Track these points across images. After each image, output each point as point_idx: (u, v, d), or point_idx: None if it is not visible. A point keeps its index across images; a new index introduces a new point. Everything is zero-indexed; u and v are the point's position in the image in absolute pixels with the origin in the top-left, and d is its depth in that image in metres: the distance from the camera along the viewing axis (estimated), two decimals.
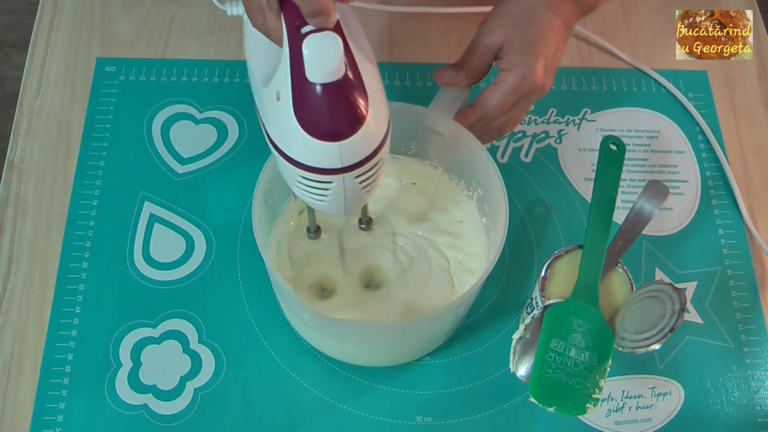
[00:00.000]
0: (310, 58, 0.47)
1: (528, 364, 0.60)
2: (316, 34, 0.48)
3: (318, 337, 0.67)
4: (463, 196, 0.71)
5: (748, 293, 0.74)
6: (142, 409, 0.67)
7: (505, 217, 0.61)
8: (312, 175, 0.52)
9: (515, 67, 0.64)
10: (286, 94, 0.50)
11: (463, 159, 0.68)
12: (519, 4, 0.66)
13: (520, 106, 0.67)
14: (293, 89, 0.50)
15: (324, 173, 0.52)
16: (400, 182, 0.73)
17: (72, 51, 0.84)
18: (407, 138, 0.70)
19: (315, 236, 0.64)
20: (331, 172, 0.52)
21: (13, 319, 0.70)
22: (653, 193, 0.67)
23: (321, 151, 0.50)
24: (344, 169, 0.52)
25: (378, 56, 0.84)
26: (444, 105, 0.67)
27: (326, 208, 0.56)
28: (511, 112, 0.67)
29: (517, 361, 0.61)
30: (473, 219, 0.71)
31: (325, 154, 0.51)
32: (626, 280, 0.64)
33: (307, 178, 0.53)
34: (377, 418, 0.67)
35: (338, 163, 0.51)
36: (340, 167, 0.51)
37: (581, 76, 0.84)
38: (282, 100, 0.51)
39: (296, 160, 0.52)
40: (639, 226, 0.66)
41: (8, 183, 0.76)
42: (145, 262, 0.73)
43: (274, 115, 0.53)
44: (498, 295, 0.73)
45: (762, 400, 0.69)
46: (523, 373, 0.60)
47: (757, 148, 0.82)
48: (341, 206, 0.55)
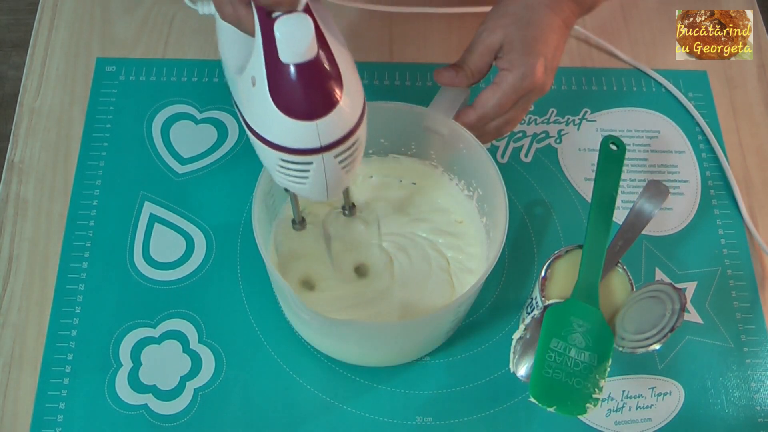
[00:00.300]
0: (282, 39, 0.48)
1: (528, 364, 0.60)
2: (287, 16, 0.49)
3: (318, 337, 0.67)
4: (463, 196, 0.71)
5: (748, 293, 0.74)
6: (142, 409, 0.67)
7: (505, 217, 0.61)
8: (292, 157, 0.52)
9: (515, 66, 0.64)
10: (261, 79, 0.51)
11: (463, 159, 0.68)
12: (519, 3, 0.66)
13: (520, 106, 0.67)
14: (268, 72, 0.50)
15: (304, 154, 0.52)
16: (400, 182, 0.73)
17: (72, 51, 0.84)
18: (407, 138, 0.70)
19: (300, 227, 0.64)
20: (310, 152, 0.52)
21: (13, 319, 0.70)
22: (653, 193, 0.67)
23: (299, 131, 0.51)
24: (323, 149, 0.52)
25: (378, 56, 0.85)
26: (444, 105, 0.67)
27: (308, 192, 0.56)
28: (510, 111, 0.67)
29: (517, 361, 0.61)
30: (473, 219, 0.71)
31: (303, 134, 0.51)
32: (626, 280, 0.64)
33: (287, 161, 0.53)
34: (377, 418, 0.67)
35: (317, 143, 0.51)
36: (319, 146, 0.51)
37: (581, 76, 0.84)
38: (257, 85, 0.52)
39: (275, 143, 0.52)
40: (639, 226, 0.66)
41: (8, 183, 0.76)
42: (145, 262, 0.73)
43: (251, 101, 0.53)
44: (498, 295, 0.73)
45: (762, 400, 0.69)
46: (523, 373, 0.60)
47: (757, 148, 0.82)
48: (323, 189, 0.56)
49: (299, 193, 0.57)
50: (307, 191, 0.56)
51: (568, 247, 0.65)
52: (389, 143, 0.71)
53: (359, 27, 0.87)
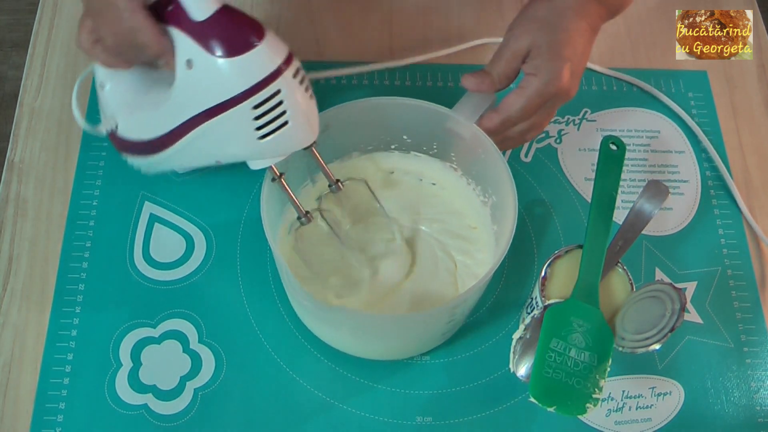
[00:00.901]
0: (186, 1, 0.53)
1: (528, 364, 0.60)
2: None
3: (315, 322, 0.67)
4: (479, 202, 0.71)
5: (748, 293, 0.74)
6: (142, 409, 0.67)
7: (511, 228, 0.61)
8: (262, 95, 0.55)
9: (541, 71, 0.63)
10: (192, 50, 0.54)
11: (481, 165, 0.67)
12: (546, 8, 0.65)
13: (544, 111, 0.66)
14: (196, 40, 0.54)
15: (268, 83, 0.54)
16: (420, 181, 0.73)
17: (72, 51, 0.84)
18: (430, 137, 0.70)
19: (307, 220, 0.63)
20: (273, 78, 0.54)
21: (13, 319, 0.70)
22: (653, 193, 0.67)
23: (253, 61, 0.54)
24: (282, 68, 0.55)
25: (378, 56, 0.85)
26: (468, 109, 0.66)
27: (294, 135, 0.58)
28: (535, 116, 0.66)
29: (517, 361, 0.61)
30: (486, 226, 0.70)
31: (258, 62, 0.54)
32: (626, 280, 0.64)
33: (260, 105, 0.55)
34: (377, 418, 0.67)
35: (274, 62, 0.54)
36: (279, 65, 0.55)
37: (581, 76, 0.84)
38: (195, 59, 0.55)
39: (240, 90, 0.54)
40: (639, 226, 0.66)
41: (8, 183, 0.76)
42: (145, 262, 0.73)
43: (199, 79, 0.56)
44: (498, 295, 0.73)
45: (762, 400, 0.69)
46: (523, 373, 0.60)
47: (757, 148, 0.82)
48: (305, 123, 0.58)
49: (287, 144, 0.58)
50: (292, 133, 0.57)
51: (568, 247, 0.65)
52: (412, 140, 0.72)
53: (360, 27, 0.87)
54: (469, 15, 0.88)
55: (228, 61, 0.54)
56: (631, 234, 0.66)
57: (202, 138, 0.59)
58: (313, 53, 0.84)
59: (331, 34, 0.86)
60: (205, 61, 0.54)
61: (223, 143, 0.59)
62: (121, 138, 0.65)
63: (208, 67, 0.54)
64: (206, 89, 0.56)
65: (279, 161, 0.60)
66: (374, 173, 0.73)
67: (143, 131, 0.63)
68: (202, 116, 0.57)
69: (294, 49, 0.57)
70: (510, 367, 0.61)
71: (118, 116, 0.65)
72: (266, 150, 0.58)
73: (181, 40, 0.55)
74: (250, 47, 0.54)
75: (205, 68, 0.55)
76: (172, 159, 0.63)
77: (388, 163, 0.73)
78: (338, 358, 0.69)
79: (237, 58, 0.54)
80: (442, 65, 0.84)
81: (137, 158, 0.67)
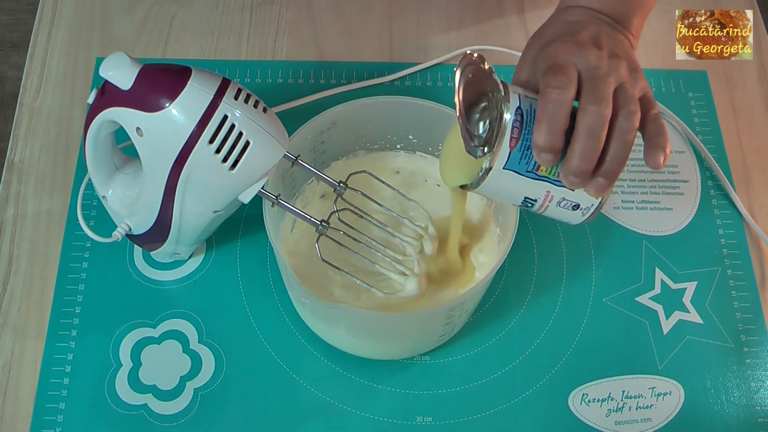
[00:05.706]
0: (112, 78, 0.57)
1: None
2: (107, 61, 0.59)
3: (312, 318, 0.67)
4: (482, 204, 0.71)
5: (748, 293, 0.74)
6: (142, 409, 0.67)
7: (513, 231, 0.61)
8: (210, 126, 0.56)
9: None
10: (135, 118, 0.57)
11: None
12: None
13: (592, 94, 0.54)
14: (134, 107, 0.57)
15: (211, 112, 0.56)
16: (425, 182, 0.73)
17: (72, 51, 0.84)
18: (435, 138, 0.70)
19: (324, 228, 0.63)
20: (213, 107, 0.56)
21: (13, 319, 0.70)
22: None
23: (187, 99, 0.56)
24: (216, 97, 0.57)
25: (378, 56, 0.85)
26: None
27: (262, 152, 0.58)
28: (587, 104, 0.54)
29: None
30: (488, 228, 0.70)
31: (191, 99, 0.56)
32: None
33: (215, 137, 0.57)
34: (377, 418, 0.67)
35: (206, 94, 0.57)
36: (212, 97, 0.56)
37: None
38: (141, 125, 0.57)
39: (190, 131, 0.56)
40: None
41: (8, 183, 0.76)
42: (145, 262, 0.73)
43: (153, 139, 0.58)
44: (498, 295, 0.73)
45: (762, 400, 0.69)
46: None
47: (757, 148, 0.82)
48: (267, 138, 0.58)
49: (261, 169, 0.59)
50: (258, 152, 0.58)
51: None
52: (417, 140, 0.72)
53: (360, 27, 0.87)
54: (469, 15, 0.88)
55: (165, 111, 0.56)
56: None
57: (188, 193, 0.60)
58: (313, 53, 0.84)
59: (331, 34, 0.86)
60: (148, 121, 0.57)
61: (205, 189, 0.60)
62: (138, 235, 0.67)
63: (154, 126, 0.57)
64: (163, 146, 0.58)
65: (263, 182, 0.60)
66: (380, 173, 0.73)
67: (146, 216, 0.64)
68: (174, 169, 0.59)
69: (294, 49, 0.57)
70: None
71: (126, 217, 0.66)
72: (243, 178, 0.59)
73: (122, 115, 0.58)
74: (180, 89, 0.56)
75: (152, 127, 0.57)
76: (183, 231, 0.64)
77: (394, 163, 0.73)
78: (338, 358, 0.69)
79: (172, 104, 0.56)
80: (442, 66, 0.84)
81: (161, 250, 0.68)
